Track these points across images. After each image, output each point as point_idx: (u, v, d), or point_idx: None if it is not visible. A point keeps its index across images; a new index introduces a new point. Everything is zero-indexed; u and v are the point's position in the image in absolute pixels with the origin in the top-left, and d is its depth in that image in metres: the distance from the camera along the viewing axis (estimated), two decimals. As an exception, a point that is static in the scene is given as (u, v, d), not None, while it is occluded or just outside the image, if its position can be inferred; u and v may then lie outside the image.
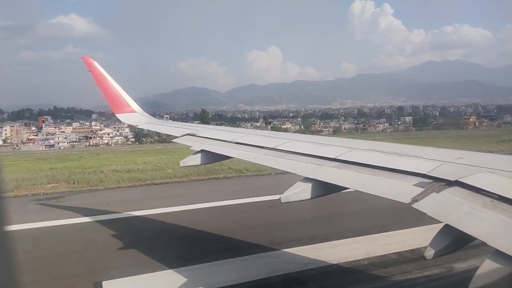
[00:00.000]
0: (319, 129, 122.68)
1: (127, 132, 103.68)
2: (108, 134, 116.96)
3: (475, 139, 43.10)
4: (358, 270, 9.85)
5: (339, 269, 9.86)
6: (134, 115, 11.98)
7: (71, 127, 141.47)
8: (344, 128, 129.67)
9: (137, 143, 77.91)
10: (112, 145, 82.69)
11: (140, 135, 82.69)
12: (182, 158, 8.16)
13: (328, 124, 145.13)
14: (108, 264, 10.57)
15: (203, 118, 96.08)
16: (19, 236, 12.01)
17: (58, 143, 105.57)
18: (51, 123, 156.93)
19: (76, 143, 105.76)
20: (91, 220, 14.90)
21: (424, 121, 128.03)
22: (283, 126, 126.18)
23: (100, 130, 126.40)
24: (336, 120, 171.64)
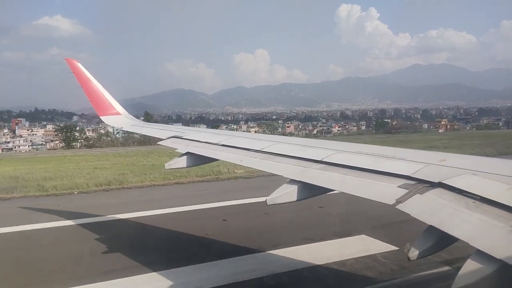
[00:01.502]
0: (281, 131, 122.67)
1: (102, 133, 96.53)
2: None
3: (411, 143, 41.90)
4: None
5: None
6: (119, 118, 11.86)
7: (44, 130, 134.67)
8: (309, 130, 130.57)
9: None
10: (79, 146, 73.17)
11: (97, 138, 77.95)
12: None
13: (306, 127, 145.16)
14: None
15: (147, 121, 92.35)
16: None
17: (19, 146, 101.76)
18: (24, 125, 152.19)
19: (41, 146, 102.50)
20: None
21: (384, 124, 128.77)
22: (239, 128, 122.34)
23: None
24: (316, 122, 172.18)
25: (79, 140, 73.90)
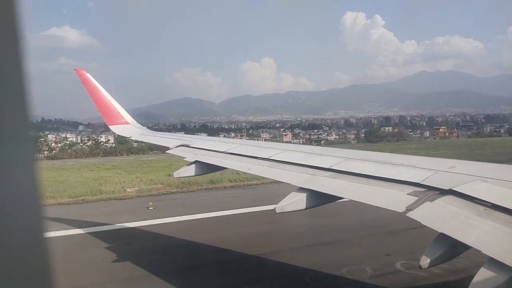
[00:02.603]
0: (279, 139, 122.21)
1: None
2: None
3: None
4: None
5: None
6: (127, 127, 11.96)
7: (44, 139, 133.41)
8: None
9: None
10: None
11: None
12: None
13: (304, 135, 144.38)
14: None
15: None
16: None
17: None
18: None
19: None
20: None
21: (373, 133, 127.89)
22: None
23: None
24: (316, 130, 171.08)
25: (43, 151, 68.48)
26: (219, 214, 16.04)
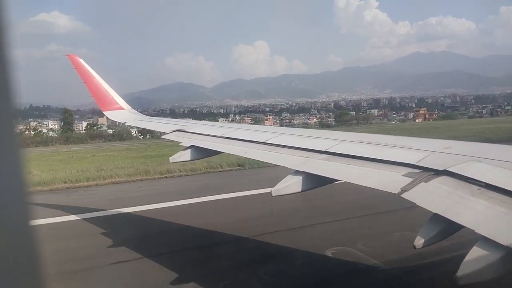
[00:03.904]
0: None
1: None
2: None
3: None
4: None
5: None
6: (122, 112, 11.88)
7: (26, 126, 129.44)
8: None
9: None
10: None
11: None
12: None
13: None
14: None
15: (65, 118, 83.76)
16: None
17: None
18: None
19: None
20: None
21: (344, 115, 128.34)
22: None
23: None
24: (304, 114, 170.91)
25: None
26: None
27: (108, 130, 72.93)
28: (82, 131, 79.30)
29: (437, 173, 4.05)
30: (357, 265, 9.27)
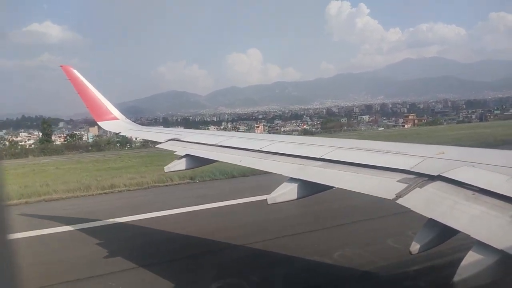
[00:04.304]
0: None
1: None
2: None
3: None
4: None
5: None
6: (116, 122, 11.80)
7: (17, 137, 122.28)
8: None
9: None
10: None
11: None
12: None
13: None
14: None
15: (44, 129, 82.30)
16: None
17: None
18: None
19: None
20: None
21: (330, 122, 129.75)
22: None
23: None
24: (299, 121, 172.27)
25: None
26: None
27: (88, 141, 73.11)
28: (88, 141, 78.79)
29: (432, 178, 4.07)
30: (355, 270, 9.28)
